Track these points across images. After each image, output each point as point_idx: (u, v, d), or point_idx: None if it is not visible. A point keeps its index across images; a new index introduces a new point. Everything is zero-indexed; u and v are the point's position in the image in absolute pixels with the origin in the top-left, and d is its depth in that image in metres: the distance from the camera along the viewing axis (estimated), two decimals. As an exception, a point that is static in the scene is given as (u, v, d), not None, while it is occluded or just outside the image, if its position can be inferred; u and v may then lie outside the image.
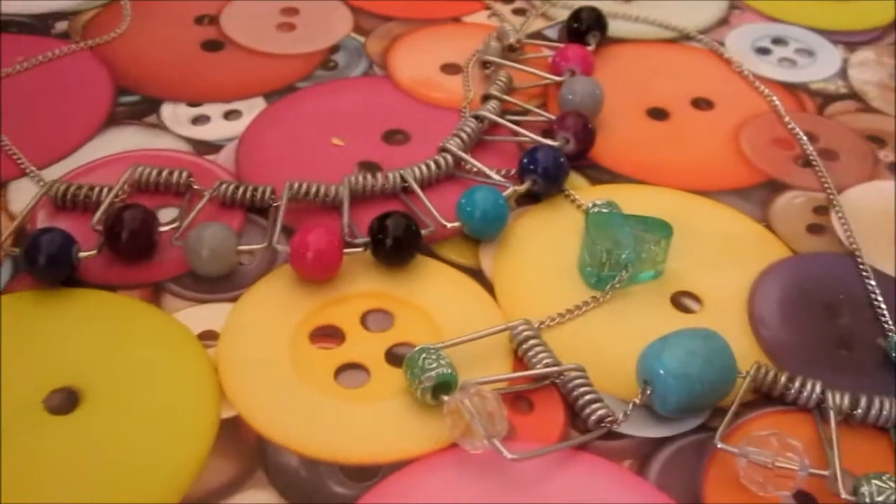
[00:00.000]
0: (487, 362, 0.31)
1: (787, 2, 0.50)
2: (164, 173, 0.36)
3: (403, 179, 0.36)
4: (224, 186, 0.36)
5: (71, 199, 0.35)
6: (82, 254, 0.33)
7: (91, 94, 0.41)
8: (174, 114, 0.41)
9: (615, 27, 0.47)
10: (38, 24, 0.45)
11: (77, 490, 0.27)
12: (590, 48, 0.44)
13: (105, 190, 0.35)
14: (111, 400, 0.29)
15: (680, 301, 0.34)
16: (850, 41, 0.47)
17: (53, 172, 0.37)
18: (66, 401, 0.29)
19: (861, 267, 0.35)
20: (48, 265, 0.32)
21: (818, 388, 0.30)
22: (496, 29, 0.45)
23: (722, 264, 0.35)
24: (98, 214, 0.34)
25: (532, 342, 0.31)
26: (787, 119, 0.42)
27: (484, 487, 0.27)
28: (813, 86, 0.44)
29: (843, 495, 0.27)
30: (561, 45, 0.44)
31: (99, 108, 0.41)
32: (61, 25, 0.45)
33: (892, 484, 0.27)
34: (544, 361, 0.30)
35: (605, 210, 0.35)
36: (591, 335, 0.32)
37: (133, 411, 0.29)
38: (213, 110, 0.41)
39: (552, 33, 0.47)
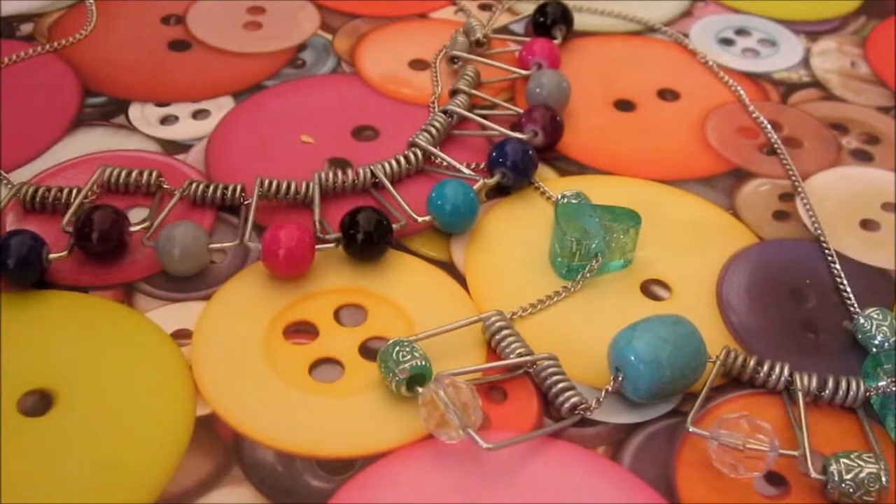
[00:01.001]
0: (461, 354, 0.31)
1: (750, -7, 0.51)
2: (134, 173, 0.36)
3: (374, 175, 0.37)
4: (194, 185, 0.36)
5: (40, 201, 0.35)
6: (52, 255, 0.32)
7: (58, 95, 0.41)
8: (142, 114, 0.40)
9: (581, 20, 0.47)
10: (3, 27, 0.45)
11: (53, 491, 0.27)
12: (556, 42, 0.44)
13: (74, 191, 0.35)
14: (85, 401, 0.29)
15: (649, 289, 0.34)
16: (811, 31, 0.48)
17: (22, 175, 0.37)
18: (39, 402, 0.29)
19: (826, 252, 0.36)
20: (18, 267, 0.32)
21: (786, 371, 0.30)
22: (463, 24, 0.45)
23: (690, 252, 0.35)
24: (68, 216, 0.34)
25: (505, 332, 0.31)
26: (751, 108, 0.42)
27: (460, 477, 0.28)
28: (776, 75, 0.45)
29: (813, 474, 0.27)
30: (527, 39, 0.44)
31: (66, 109, 0.40)
32: (26, 27, 0.45)
33: (860, 462, 0.27)
34: (517, 351, 0.30)
35: (574, 201, 0.35)
36: (563, 325, 0.33)
37: (107, 411, 0.29)
38: (182, 110, 0.41)
39: (518, 28, 0.47)
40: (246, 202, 0.35)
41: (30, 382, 0.30)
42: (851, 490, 0.27)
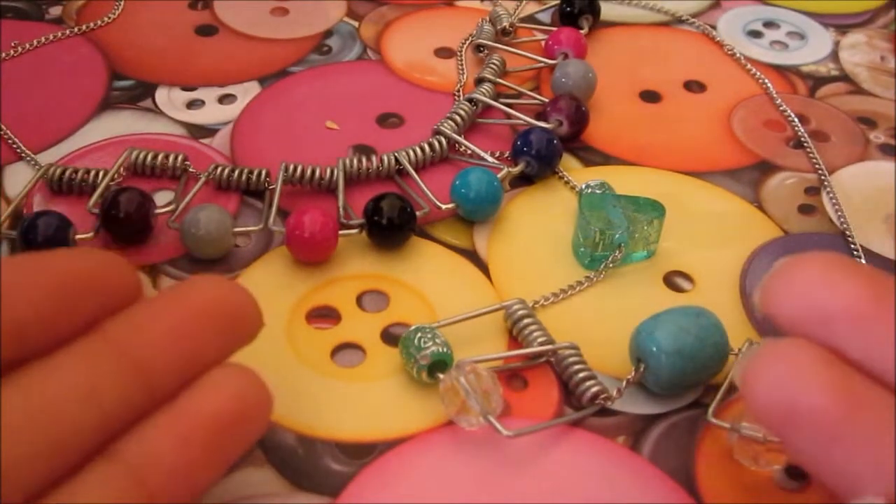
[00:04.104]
0: (482, 341, 0.31)
1: (779, -15, 0.51)
2: (160, 157, 0.36)
3: (398, 162, 0.37)
4: (219, 169, 0.36)
5: (67, 183, 0.35)
6: (79, 236, 0.33)
7: (86, 78, 0.41)
8: (169, 98, 0.41)
9: (608, 11, 0.47)
10: (32, 10, 0.45)
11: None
12: (583, 32, 0.44)
13: (101, 173, 0.35)
14: (109, 380, 0.29)
15: (672, 280, 0.34)
16: (841, 24, 0.48)
17: (49, 156, 0.37)
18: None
19: (852, 247, 0.35)
20: (45, 247, 0.32)
21: (809, 365, 0.30)
22: (489, 13, 0.45)
23: (714, 244, 0.35)
24: (94, 198, 0.34)
25: (526, 321, 0.31)
26: (778, 101, 0.42)
27: (479, 464, 0.28)
28: (804, 68, 0.45)
29: (834, 469, 0.27)
30: (554, 28, 0.44)
31: (94, 92, 0.41)
32: (55, 10, 0.45)
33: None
34: (538, 340, 0.30)
35: (598, 191, 0.35)
36: (585, 314, 0.32)
37: (131, 391, 0.29)
38: (208, 94, 0.41)
39: (545, 17, 0.47)
40: (270, 187, 0.36)
41: (55, 361, 0.30)
42: (873, 485, 0.27)
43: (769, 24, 0.48)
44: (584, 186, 0.36)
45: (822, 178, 0.38)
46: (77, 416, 0.21)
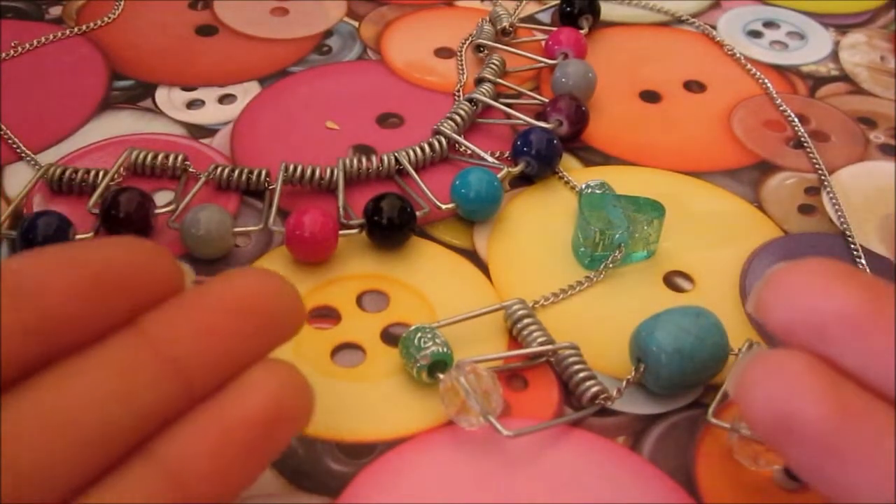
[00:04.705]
0: (482, 341, 0.31)
1: (779, -15, 0.50)
2: (160, 157, 0.36)
3: (398, 162, 0.37)
4: (219, 169, 0.36)
5: (67, 183, 0.35)
6: (79, 236, 0.33)
7: (86, 78, 0.41)
8: (169, 98, 0.41)
9: (608, 11, 0.47)
10: (32, 10, 0.45)
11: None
12: (583, 32, 0.44)
13: (101, 173, 0.35)
14: (109, 380, 0.29)
15: (672, 280, 0.34)
16: (841, 24, 0.48)
17: (49, 156, 0.37)
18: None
19: (852, 247, 0.35)
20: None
21: (809, 365, 0.30)
22: (489, 13, 0.45)
23: (714, 244, 0.35)
24: (94, 198, 0.34)
25: (526, 321, 0.31)
26: (778, 101, 0.42)
27: (479, 463, 0.28)
28: (804, 68, 0.45)
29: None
30: (554, 28, 0.44)
31: (94, 92, 0.41)
32: (55, 10, 0.45)
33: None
34: (538, 340, 0.30)
35: (598, 191, 0.35)
36: (585, 314, 0.32)
37: (131, 391, 0.29)
38: (208, 94, 0.41)
39: (545, 17, 0.47)
40: (270, 187, 0.36)
41: (55, 361, 0.30)
42: (873, 485, 0.27)
43: (769, 24, 0.48)
44: (584, 186, 0.36)
45: (822, 178, 0.38)
46: (112, 414, 0.21)
